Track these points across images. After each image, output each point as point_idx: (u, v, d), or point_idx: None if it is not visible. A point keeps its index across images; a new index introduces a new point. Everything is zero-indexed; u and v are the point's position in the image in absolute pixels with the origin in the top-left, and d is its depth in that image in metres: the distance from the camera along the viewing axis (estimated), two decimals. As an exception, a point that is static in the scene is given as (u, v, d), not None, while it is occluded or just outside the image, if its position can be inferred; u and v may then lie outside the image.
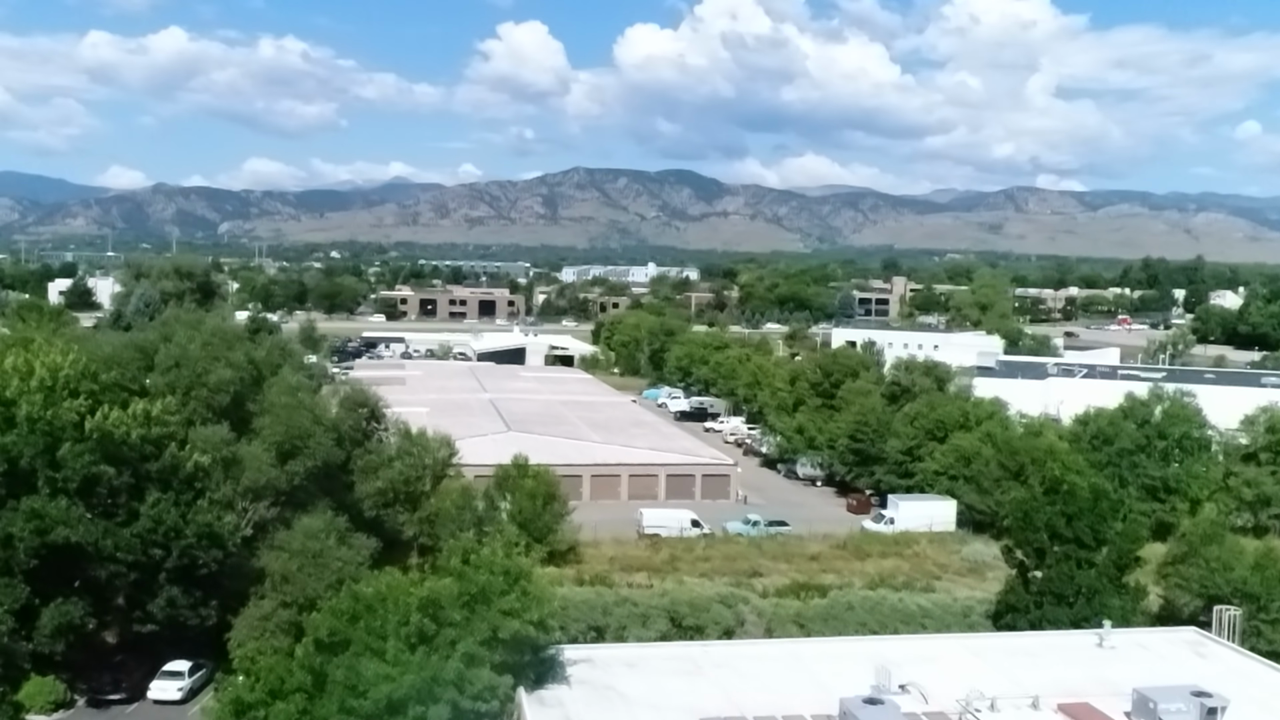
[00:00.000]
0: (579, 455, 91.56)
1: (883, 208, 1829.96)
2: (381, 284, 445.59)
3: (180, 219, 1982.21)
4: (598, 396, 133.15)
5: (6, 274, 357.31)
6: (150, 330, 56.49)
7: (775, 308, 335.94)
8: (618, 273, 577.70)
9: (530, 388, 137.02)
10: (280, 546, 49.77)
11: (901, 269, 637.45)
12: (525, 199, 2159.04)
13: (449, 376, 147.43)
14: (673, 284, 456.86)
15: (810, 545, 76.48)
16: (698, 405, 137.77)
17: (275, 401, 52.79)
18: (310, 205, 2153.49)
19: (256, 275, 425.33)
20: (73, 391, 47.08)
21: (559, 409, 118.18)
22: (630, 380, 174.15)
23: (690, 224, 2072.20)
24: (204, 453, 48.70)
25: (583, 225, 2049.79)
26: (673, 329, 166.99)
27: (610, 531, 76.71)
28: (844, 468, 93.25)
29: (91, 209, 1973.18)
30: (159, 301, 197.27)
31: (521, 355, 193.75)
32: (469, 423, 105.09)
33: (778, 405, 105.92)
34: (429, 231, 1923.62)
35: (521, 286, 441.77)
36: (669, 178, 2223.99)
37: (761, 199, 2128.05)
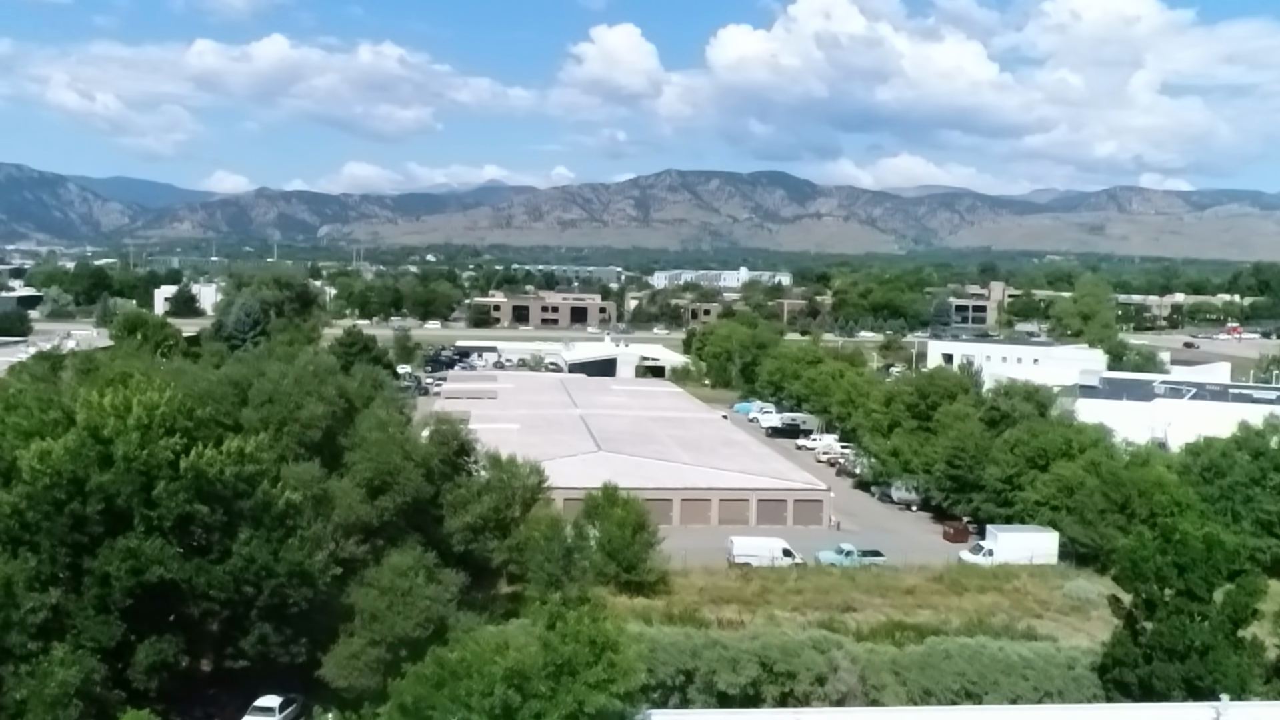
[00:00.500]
0: (669, 478, 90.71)
1: (980, 208, 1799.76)
2: (475, 289, 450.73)
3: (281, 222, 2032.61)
4: (688, 413, 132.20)
5: (116, 280, 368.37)
6: (245, 364, 56.66)
7: (869, 315, 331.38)
8: (709, 277, 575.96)
9: (620, 403, 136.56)
10: (369, 583, 49.75)
11: (999, 272, 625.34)
12: (617, 201, 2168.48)
13: (540, 390, 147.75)
14: (764, 289, 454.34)
15: (905, 577, 74.60)
16: (790, 422, 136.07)
17: (366, 437, 52.83)
18: (407, 208, 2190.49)
19: (354, 281, 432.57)
20: (169, 429, 47.53)
21: (649, 426, 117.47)
22: (721, 393, 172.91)
23: (783, 226, 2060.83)
24: (295, 490, 48.83)
25: (674, 227, 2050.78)
26: (764, 341, 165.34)
27: (700, 559, 75.72)
28: (940, 494, 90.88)
29: (197, 213, 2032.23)
30: (259, 311, 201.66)
31: (612, 366, 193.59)
32: (559, 441, 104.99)
33: (872, 426, 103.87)
34: (522, 234, 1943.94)
35: (613, 292, 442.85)
36: (761, 179, 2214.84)
37: (855, 200, 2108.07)
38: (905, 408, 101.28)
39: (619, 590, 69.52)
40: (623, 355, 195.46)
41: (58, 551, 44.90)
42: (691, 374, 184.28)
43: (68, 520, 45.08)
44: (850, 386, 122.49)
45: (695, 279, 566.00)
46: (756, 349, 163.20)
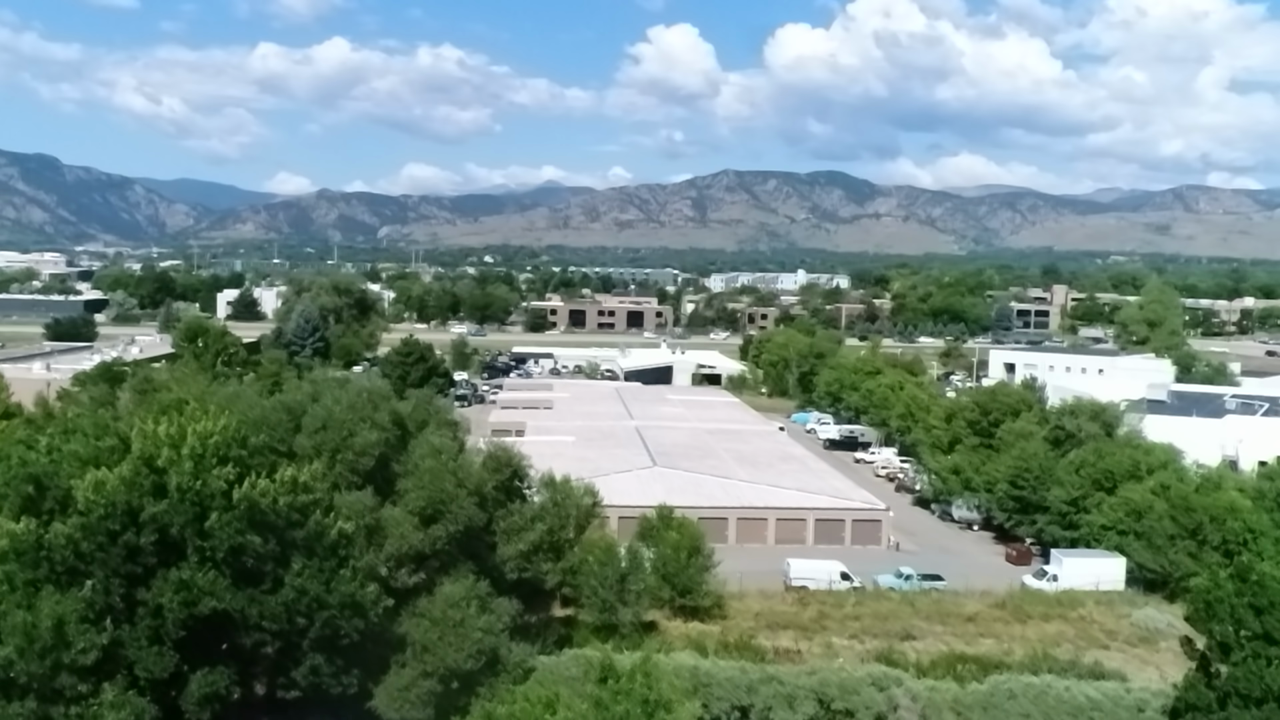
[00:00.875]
0: (725, 496, 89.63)
1: (1042, 208, 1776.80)
2: (532, 293, 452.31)
3: (342, 224, 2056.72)
4: (745, 424, 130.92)
5: (180, 284, 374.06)
6: (300, 389, 56.49)
7: (929, 320, 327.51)
8: (766, 280, 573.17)
9: (676, 413, 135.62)
10: (421, 614, 49.29)
11: (1062, 274, 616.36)
12: (674, 202, 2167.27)
13: (595, 400, 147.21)
14: (822, 293, 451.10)
15: (967, 604, 72.90)
16: (848, 434, 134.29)
17: (419, 464, 52.38)
18: (465, 209, 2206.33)
19: (412, 284, 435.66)
20: (222, 458, 47.37)
21: (705, 439, 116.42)
22: (778, 402, 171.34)
23: (841, 226, 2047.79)
24: (348, 520, 48.48)
25: (732, 228, 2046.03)
26: (822, 351, 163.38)
27: (756, 581, 74.61)
28: (1003, 514, 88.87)
29: (259, 214, 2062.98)
30: (318, 318, 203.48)
31: (668, 374, 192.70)
32: (615, 455, 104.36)
33: (932, 443, 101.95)
34: (579, 235, 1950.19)
35: (669, 295, 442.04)
36: (819, 179, 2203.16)
37: (915, 200, 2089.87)
38: (967, 424, 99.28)
39: (673, 614, 68.73)
40: (679, 363, 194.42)
41: (111, 582, 44.84)
42: (748, 382, 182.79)
43: (122, 551, 45.03)
44: (910, 400, 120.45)
45: (752, 282, 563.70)
46: (814, 358, 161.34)
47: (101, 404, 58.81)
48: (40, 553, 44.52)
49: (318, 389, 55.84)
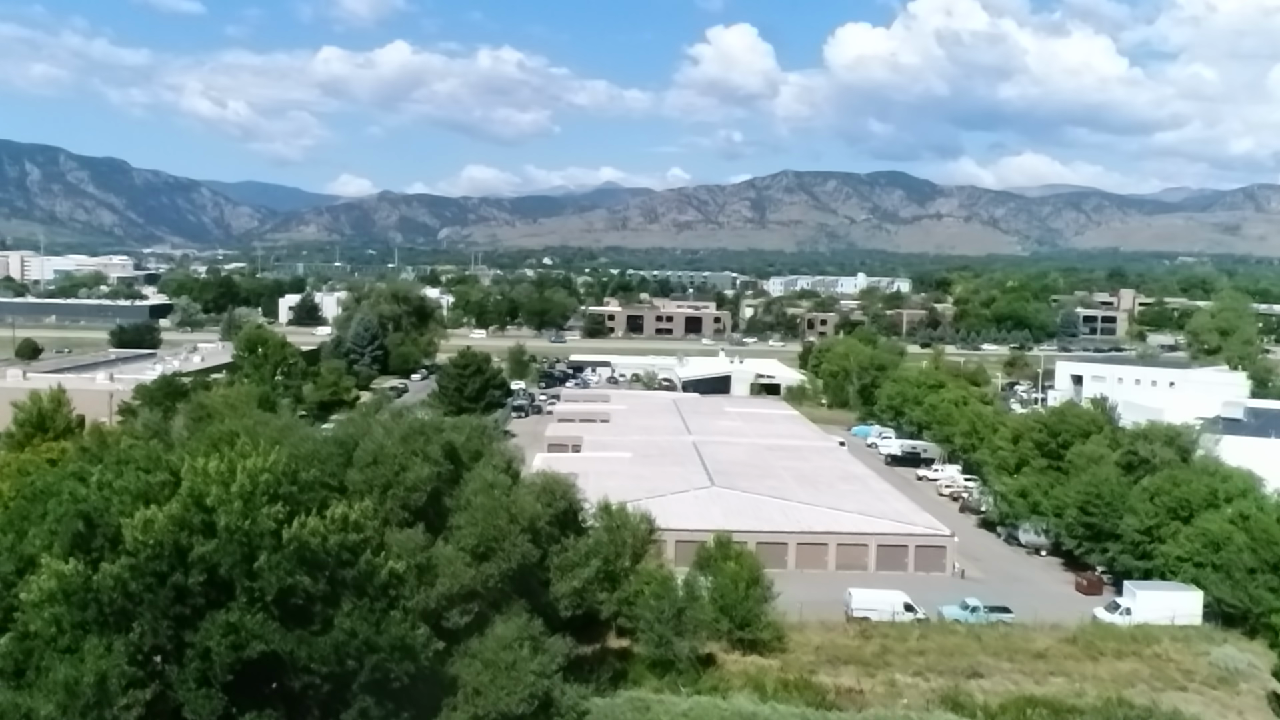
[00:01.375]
0: (785, 519, 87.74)
1: (1108, 208, 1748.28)
2: (590, 297, 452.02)
3: (403, 225, 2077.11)
4: (805, 440, 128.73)
5: (243, 288, 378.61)
6: (351, 424, 55.64)
7: (992, 326, 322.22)
8: (826, 283, 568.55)
9: (735, 427, 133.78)
10: (473, 655, 48.15)
11: (1128, 276, 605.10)
12: (733, 203, 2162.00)
13: (653, 412, 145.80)
14: (883, 297, 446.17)
15: (1036, 638, 70.35)
16: (910, 450, 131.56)
17: (472, 500, 51.26)
18: (524, 211, 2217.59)
19: (471, 288, 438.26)
20: (272, 496, 46.57)
21: (764, 456, 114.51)
22: (838, 414, 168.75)
23: (901, 227, 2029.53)
24: (399, 559, 47.45)
25: (791, 229, 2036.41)
26: (884, 363, 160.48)
27: (816, 611, 72.62)
28: (1072, 541, 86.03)
29: (322, 216, 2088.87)
30: (377, 326, 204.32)
31: (726, 384, 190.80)
32: (672, 473, 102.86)
33: (998, 464, 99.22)
34: (637, 236, 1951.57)
35: (728, 300, 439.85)
36: (880, 179, 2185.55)
37: (977, 200, 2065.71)
38: (1034, 445, 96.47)
39: (731, 647, 67.03)
40: (737, 373, 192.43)
41: (160, 625, 44.13)
42: (807, 393, 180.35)
43: (170, 592, 44.32)
44: (975, 417, 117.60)
45: (811, 285, 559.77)
46: (876, 370, 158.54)
47: (154, 433, 58.32)
48: (88, 594, 44.02)
49: (370, 421, 54.85)
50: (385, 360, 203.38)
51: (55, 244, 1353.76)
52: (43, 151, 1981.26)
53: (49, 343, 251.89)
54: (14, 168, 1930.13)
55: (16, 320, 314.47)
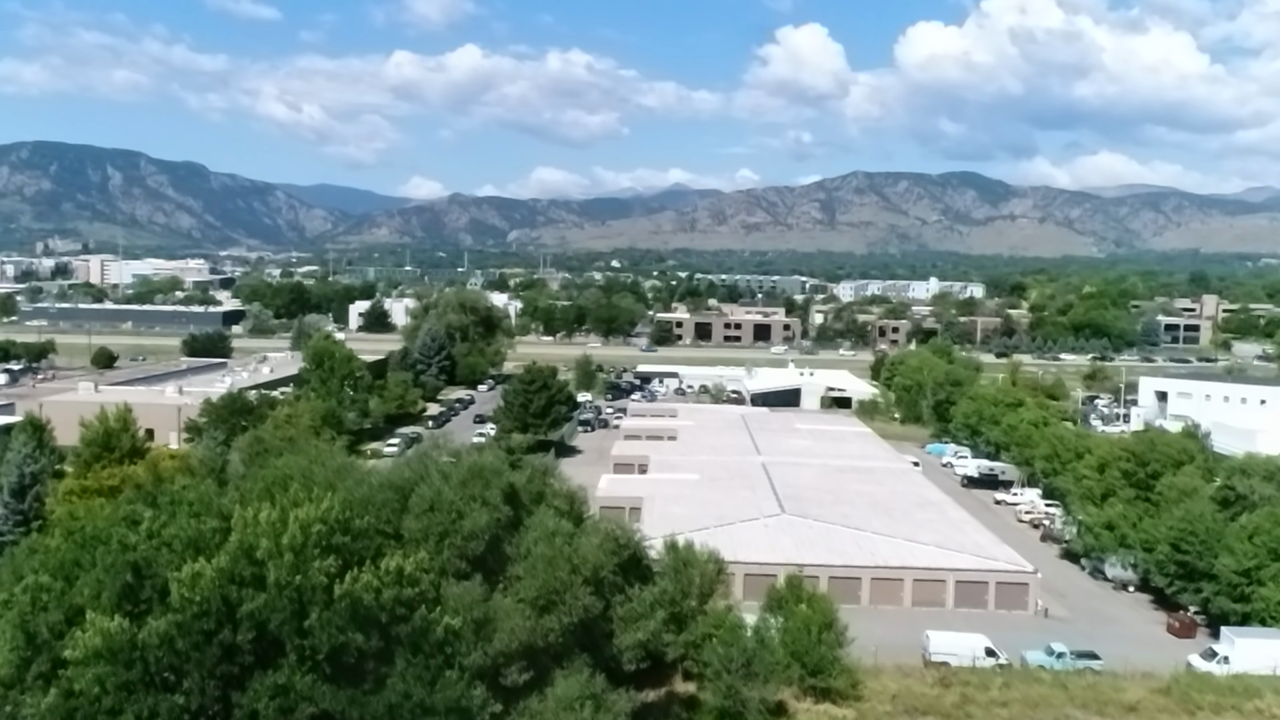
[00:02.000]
0: (858, 552, 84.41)
1: (1187, 208, 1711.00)
2: (658, 302, 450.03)
3: (473, 227, 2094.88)
4: (878, 461, 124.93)
5: (314, 294, 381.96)
6: (406, 467, 53.66)
7: (1070, 334, 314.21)
8: (897, 288, 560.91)
9: (805, 447, 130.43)
10: (532, 715, 45.86)
11: (1210, 280, 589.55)
12: (802, 204, 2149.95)
13: (721, 429, 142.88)
14: (956, 303, 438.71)
15: (1127, 688, 66.35)
16: (988, 472, 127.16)
17: (533, 549, 48.99)
18: (593, 213, 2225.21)
19: (538, 294, 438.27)
20: (324, 549, 44.71)
21: (836, 479, 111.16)
22: (911, 430, 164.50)
23: (974, 228, 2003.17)
24: (455, 614, 45.32)
25: (861, 230, 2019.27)
26: (960, 378, 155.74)
27: (892, 654, 69.33)
28: (1163, 579, 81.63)
29: (394, 219, 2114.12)
30: (444, 336, 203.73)
31: (796, 397, 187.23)
32: (740, 499, 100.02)
33: (1083, 494, 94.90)
34: (706, 238, 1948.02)
35: (797, 305, 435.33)
36: (952, 180, 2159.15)
37: (1051, 201, 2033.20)
38: (1122, 475, 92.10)
39: (803, 694, 64.05)
40: (807, 386, 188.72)
41: (207, 684, 42.48)
42: (879, 407, 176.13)
43: (218, 650, 42.64)
44: (1056, 440, 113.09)
45: (882, 291, 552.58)
46: (951, 386, 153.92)
47: (210, 469, 56.91)
48: (134, 653, 42.47)
49: (427, 463, 52.82)
50: (452, 370, 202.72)
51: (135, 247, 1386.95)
52: (124, 156, 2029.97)
53: (124, 350, 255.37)
54: (96, 172, 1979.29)
55: (94, 326, 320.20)
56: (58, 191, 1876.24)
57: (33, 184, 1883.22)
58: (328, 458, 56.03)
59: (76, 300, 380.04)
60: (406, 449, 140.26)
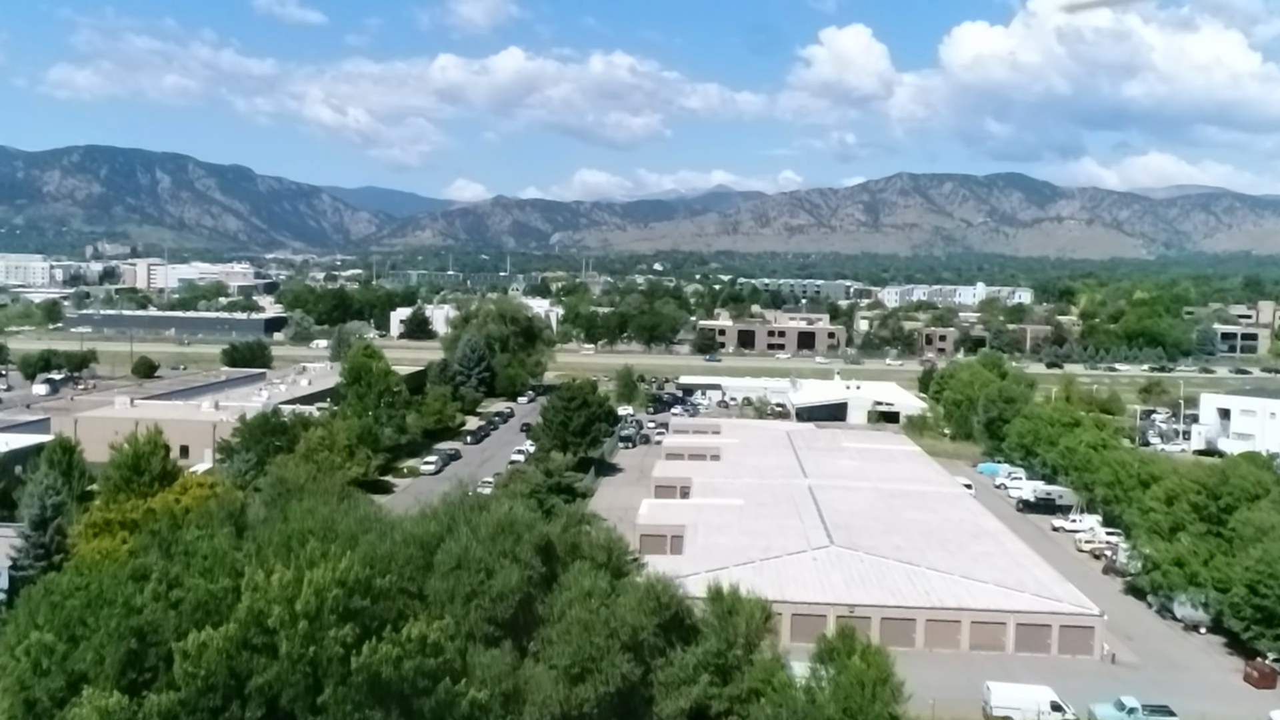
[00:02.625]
0: (913, 590, 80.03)
1: (1239, 210, 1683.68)
2: (700, 308, 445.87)
3: (516, 230, 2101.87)
4: (930, 484, 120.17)
5: (357, 300, 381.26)
6: (432, 520, 50.19)
7: (1122, 343, 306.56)
8: (943, 294, 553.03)
9: (854, 468, 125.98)
10: (565, 795, 42.30)
11: (1264, 284, 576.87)
12: (846, 206, 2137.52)
13: (766, 448, 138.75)
14: (1004, 309, 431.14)
15: (1205, 749, 61.90)
16: (1044, 496, 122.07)
17: (567, 612, 45.42)
18: (636, 215, 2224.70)
19: (580, 299, 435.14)
20: (341, 614, 41.37)
21: (887, 505, 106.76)
22: (962, 447, 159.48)
23: (1021, 230, 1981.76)
24: (483, 685, 41.85)
25: (905, 232, 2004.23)
26: (1013, 395, 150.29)
27: (949, 706, 65.10)
28: (1239, 623, 76.66)
29: (438, 221, 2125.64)
30: (484, 348, 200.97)
31: (843, 411, 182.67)
32: (787, 528, 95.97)
33: (1150, 527, 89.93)
34: (749, 240, 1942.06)
35: (841, 311, 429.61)
36: (998, 181, 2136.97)
37: (1100, 202, 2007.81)
38: (1192, 508, 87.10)
39: (856, 754, 59.97)
40: (853, 400, 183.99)
41: (213, 766, 39.33)
42: (929, 423, 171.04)
43: (225, 728, 39.52)
44: (1118, 466, 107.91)
45: (928, 296, 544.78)
46: (1004, 403, 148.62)
47: (229, 513, 53.79)
48: (134, 732, 39.39)
49: (452, 517, 49.33)
50: (492, 382, 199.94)
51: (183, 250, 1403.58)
52: (173, 160, 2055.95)
53: (166, 359, 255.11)
54: (146, 176, 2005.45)
55: (138, 333, 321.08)
56: (108, 195, 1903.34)
57: (84, 187, 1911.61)
58: (351, 508, 52.63)
59: (121, 307, 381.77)
60: (444, 466, 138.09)
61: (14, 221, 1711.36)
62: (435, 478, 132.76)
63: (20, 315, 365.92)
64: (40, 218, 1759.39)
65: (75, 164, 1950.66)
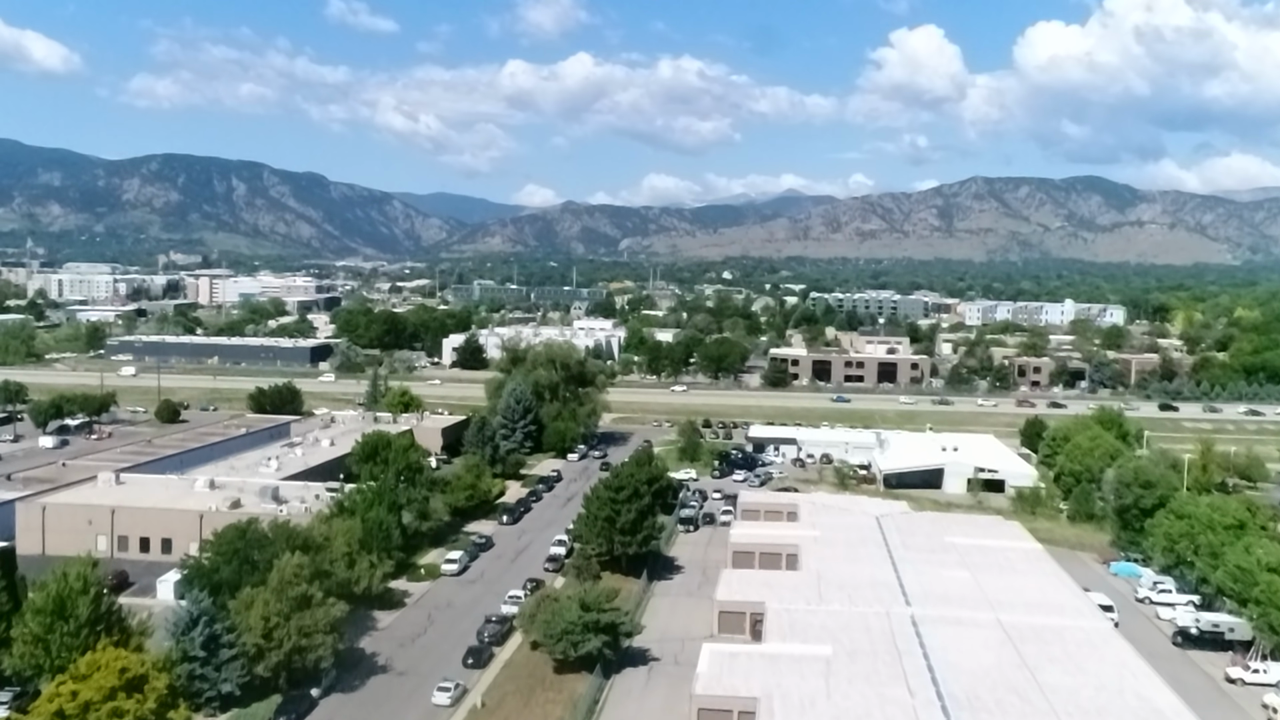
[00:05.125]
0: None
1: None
2: (771, 328, 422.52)
3: (585, 236, 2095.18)
4: (1065, 615, 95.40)
5: (410, 323, 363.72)
6: None
7: (1240, 377, 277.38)
8: (1028, 311, 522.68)
9: (965, 583, 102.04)
10: None
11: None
12: (919, 211, 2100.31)
13: (854, 547, 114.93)
14: (1099, 333, 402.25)
15: None
16: (1212, 628, 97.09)
17: None
18: (705, 220, 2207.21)
19: (643, 320, 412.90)
20: None
21: (1015, 655, 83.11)
22: (1085, 533, 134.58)
23: (1099, 235, 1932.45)
24: None
25: (980, 238, 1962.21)
26: (1151, 479, 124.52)
27: None
28: None
29: (507, 227, 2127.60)
30: (530, 398, 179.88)
31: (938, 478, 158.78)
32: (890, 698, 73.05)
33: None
34: (820, 245, 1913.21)
35: (922, 333, 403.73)
36: (1076, 184, 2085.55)
37: (1182, 205, 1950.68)
38: None
39: None
40: (951, 465, 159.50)
41: None
42: (1041, 498, 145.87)
43: None
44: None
45: (1012, 314, 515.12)
46: (1140, 488, 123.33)
47: None
48: None
49: None
50: (539, 436, 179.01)
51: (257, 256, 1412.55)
52: (248, 168, 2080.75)
53: (196, 396, 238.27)
54: (222, 184, 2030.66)
55: (179, 362, 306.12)
56: (185, 202, 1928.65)
57: (162, 195, 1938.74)
58: None
59: (169, 330, 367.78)
60: (470, 562, 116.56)
61: (94, 229, 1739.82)
62: (459, 579, 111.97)
63: (68, 338, 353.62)
64: (119, 225, 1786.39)
65: (154, 172, 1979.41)
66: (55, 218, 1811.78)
